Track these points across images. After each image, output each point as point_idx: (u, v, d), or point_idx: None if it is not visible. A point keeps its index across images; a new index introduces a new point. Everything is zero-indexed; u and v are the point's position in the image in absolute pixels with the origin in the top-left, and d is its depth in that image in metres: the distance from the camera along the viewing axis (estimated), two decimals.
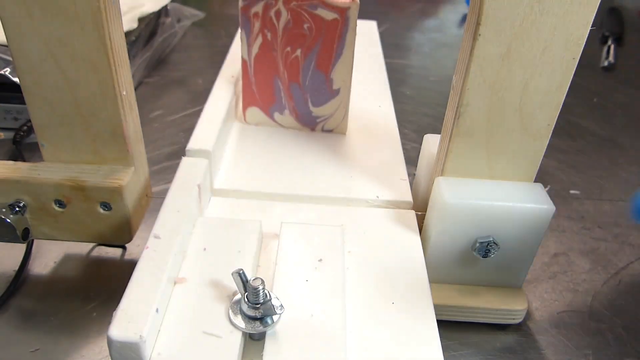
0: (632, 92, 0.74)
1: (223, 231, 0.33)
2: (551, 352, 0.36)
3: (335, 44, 0.41)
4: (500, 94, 0.32)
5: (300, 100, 0.44)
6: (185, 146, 0.38)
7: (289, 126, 0.46)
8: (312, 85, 0.44)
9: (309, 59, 0.42)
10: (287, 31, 0.41)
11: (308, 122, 0.46)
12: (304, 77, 0.43)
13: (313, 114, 0.45)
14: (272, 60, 0.42)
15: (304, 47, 0.41)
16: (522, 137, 0.33)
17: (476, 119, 0.32)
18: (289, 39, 0.41)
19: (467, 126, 0.33)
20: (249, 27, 0.41)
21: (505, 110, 0.32)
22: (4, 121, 0.54)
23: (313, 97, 0.44)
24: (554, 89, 0.31)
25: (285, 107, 0.45)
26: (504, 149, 0.34)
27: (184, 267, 0.31)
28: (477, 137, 0.33)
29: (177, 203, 0.33)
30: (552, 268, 0.43)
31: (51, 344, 0.35)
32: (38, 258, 0.41)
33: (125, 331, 0.25)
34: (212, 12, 0.91)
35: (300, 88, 0.44)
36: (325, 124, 0.46)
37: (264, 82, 0.44)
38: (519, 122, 0.33)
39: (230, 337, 0.27)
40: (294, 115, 0.45)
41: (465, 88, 0.31)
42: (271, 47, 0.42)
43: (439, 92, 0.70)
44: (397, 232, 0.36)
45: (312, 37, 0.41)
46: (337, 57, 0.42)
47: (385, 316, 0.30)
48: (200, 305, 0.29)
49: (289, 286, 0.30)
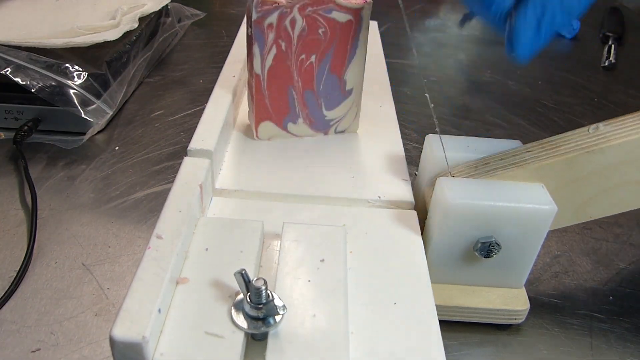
0: (632, 92, 0.74)
1: (225, 231, 0.33)
2: (553, 352, 0.36)
3: (349, 45, 0.41)
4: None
5: (314, 107, 0.43)
6: (186, 146, 0.38)
7: (302, 135, 0.45)
8: (325, 90, 0.43)
9: (323, 63, 0.41)
10: (302, 38, 0.40)
11: (321, 127, 0.45)
12: (318, 83, 0.42)
13: (326, 118, 0.44)
14: (286, 71, 0.41)
15: (319, 53, 0.41)
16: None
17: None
18: (304, 47, 0.40)
19: None
20: (263, 40, 0.39)
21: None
22: (5, 121, 0.54)
23: (326, 101, 0.43)
24: None
25: (299, 115, 0.44)
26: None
27: (186, 267, 0.31)
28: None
29: (179, 203, 0.33)
30: (554, 268, 0.43)
31: (51, 344, 0.35)
32: (39, 258, 0.41)
33: (127, 331, 0.25)
34: (212, 12, 0.91)
35: (314, 94, 0.43)
36: (338, 126, 0.45)
37: (277, 94, 0.42)
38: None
39: (233, 337, 0.27)
40: (308, 122, 0.44)
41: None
42: (286, 57, 0.40)
43: (439, 92, 0.70)
44: (398, 233, 0.36)
45: (327, 41, 0.40)
46: (350, 58, 0.41)
47: (387, 316, 0.30)
48: (203, 305, 0.29)
49: (291, 286, 0.30)
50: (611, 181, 0.35)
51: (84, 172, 0.50)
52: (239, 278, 0.27)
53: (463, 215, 0.33)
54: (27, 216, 0.45)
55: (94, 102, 0.54)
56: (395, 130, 0.47)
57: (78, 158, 0.52)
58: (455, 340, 0.37)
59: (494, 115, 0.65)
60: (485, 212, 0.33)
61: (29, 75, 0.51)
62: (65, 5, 0.67)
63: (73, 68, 0.53)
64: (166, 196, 0.34)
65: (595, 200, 0.36)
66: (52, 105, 0.52)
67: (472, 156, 0.38)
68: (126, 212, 0.46)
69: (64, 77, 0.53)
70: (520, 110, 0.66)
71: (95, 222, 0.45)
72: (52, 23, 0.62)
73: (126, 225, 0.44)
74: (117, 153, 0.53)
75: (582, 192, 0.36)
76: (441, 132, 0.38)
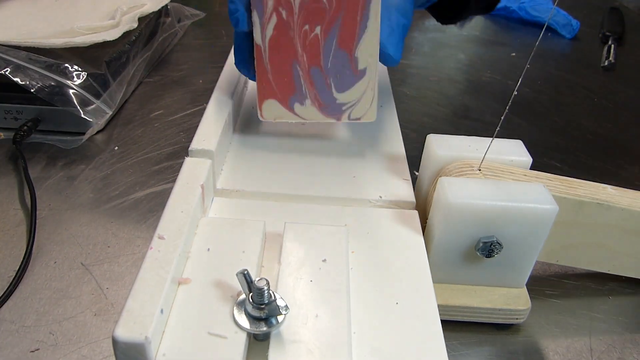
0: (632, 92, 0.74)
1: (227, 231, 0.33)
2: (554, 352, 0.36)
3: (359, 16, 0.37)
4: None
5: (323, 87, 0.40)
6: (186, 146, 0.38)
7: (311, 119, 0.41)
8: (334, 68, 0.39)
9: (330, 36, 0.38)
10: (304, 6, 0.36)
11: (333, 111, 0.41)
12: (326, 59, 0.38)
13: (338, 102, 0.40)
14: (289, 43, 0.38)
15: (324, 24, 0.37)
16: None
17: None
18: (307, 16, 0.37)
19: None
20: (262, 6, 0.37)
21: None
22: (4, 121, 0.54)
23: (336, 81, 0.39)
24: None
25: (307, 96, 0.40)
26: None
27: (188, 267, 0.31)
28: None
29: (181, 203, 0.33)
30: (554, 268, 0.43)
31: (50, 344, 0.35)
32: (38, 258, 0.41)
33: (130, 332, 0.25)
34: (212, 12, 0.90)
35: (321, 72, 0.39)
36: (352, 112, 0.41)
37: (281, 69, 0.39)
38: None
39: (235, 337, 0.27)
40: (317, 104, 0.40)
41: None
42: (287, 26, 0.37)
43: (439, 92, 0.70)
44: (400, 232, 0.36)
45: (333, 10, 0.37)
46: (361, 32, 0.37)
47: (390, 316, 0.30)
48: (205, 305, 0.28)
49: (294, 286, 0.30)
50: (595, 238, 0.38)
51: (84, 172, 0.50)
52: (241, 278, 0.27)
53: (464, 215, 0.33)
54: (26, 216, 0.45)
55: (93, 102, 0.54)
56: (396, 130, 0.47)
57: (77, 158, 0.52)
58: (456, 340, 0.37)
59: (493, 115, 0.65)
60: (486, 212, 0.33)
61: (29, 75, 0.51)
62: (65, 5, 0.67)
63: (72, 68, 0.53)
64: (166, 196, 0.34)
65: (573, 248, 0.39)
66: (52, 105, 0.51)
67: (472, 156, 0.38)
68: (125, 212, 0.46)
69: (63, 77, 0.52)
70: (520, 110, 0.66)
71: (94, 222, 0.44)
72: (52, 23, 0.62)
73: (125, 225, 0.44)
74: (117, 153, 0.53)
75: (569, 236, 0.38)
76: (441, 132, 0.38)
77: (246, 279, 0.27)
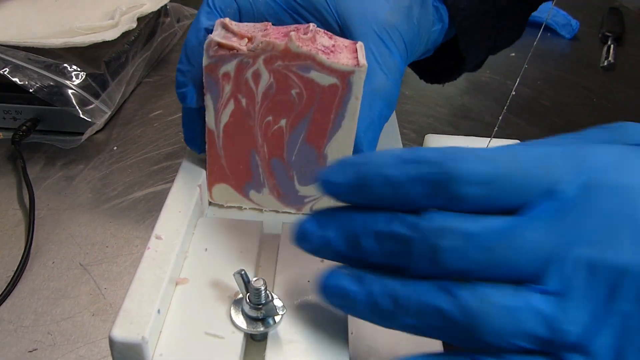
0: (632, 92, 0.74)
1: (224, 232, 0.33)
2: None
3: (333, 114, 0.32)
4: None
5: (284, 178, 0.36)
6: (184, 146, 0.38)
7: (268, 207, 0.37)
8: (299, 162, 0.35)
9: (296, 131, 0.33)
10: (269, 97, 0.32)
11: (293, 202, 0.37)
12: (290, 153, 0.34)
13: (300, 194, 0.36)
14: (247, 131, 0.34)
15: (291, 117, 0.33)
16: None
17: None
18: (271, 107, 0.33)
19: None
20: (217, 91, 0.32)
21: None
22: (3, 121, 0.54)
23: (300, 174, 0.35)
24: None
25: (264, 185, 0.36)
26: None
27: (186, 267, 0.31)
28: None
29: (178, 203, 0.33)
30: None
31: (48, 344, 0.35)
32: (36, 258, 0.41)
33: (127, 332, 0.25)
34: None
35: (283, 164, 0.35)
36: (315, 204, 0.37)
37: (236, 157, 0.35)
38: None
39: (232, 337, 0.27)
40: (276, 194, 0.36)
41: None
42: (247, 115, 0.33)
43: (438, 93, 0.70)
44: None
45: (302, 105, 0.32)
46: (334, 130, 0.33)
47: None
48: (202, 305, 0.29)
49: (291, 287, 0.30)
50: None
51: (82, 172, 0.50)
52: (239, 278, 0.27)
53: None
54: (25, 216, 0.45)
55: (92, 102, 0.53)
56: (395, 130, 0.47)
57: (76, 158, 0.52)
58: None
59: (493, 115, 0.65)
60: None
61: (28, 75, 0.51)
62: (64, 5, 0.67)
63: (71, 68, 0.53)
64: (165, 196, 0.34)
65: None
66: (51, 105, 0.51)
67: None
68: (124, 212, 0.46)
69: (62, 77, 0.52)
70: (519, 110, 0.66)
71: (93, 222, 0.44)
72: (51, 23, 0.62)
73: (124, 225, 0.44)
74: (116, 153, 0.53)
75: None
76: (441, 132, 0.38)
77: (243, 279, 0.27)
